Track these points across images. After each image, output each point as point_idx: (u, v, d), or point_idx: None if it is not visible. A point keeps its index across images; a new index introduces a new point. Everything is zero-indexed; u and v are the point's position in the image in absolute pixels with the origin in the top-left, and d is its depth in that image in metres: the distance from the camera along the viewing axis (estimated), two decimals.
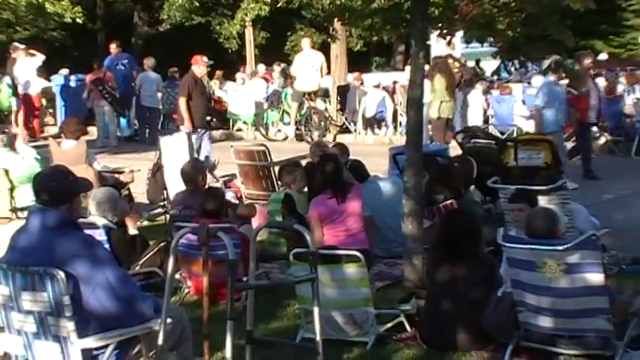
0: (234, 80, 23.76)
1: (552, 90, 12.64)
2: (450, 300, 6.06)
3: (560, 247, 5.49)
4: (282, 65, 24.28)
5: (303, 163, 10.05)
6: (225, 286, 4.31)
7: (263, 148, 10.97)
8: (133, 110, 20.06)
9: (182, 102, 13.00)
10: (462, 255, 6.11)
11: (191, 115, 12.90)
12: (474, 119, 17.88)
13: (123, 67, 19.41)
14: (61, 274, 4.34)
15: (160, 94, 19.70)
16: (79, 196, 4.92)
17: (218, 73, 24.04)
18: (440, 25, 8.34)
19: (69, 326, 4.40)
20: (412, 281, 7.52)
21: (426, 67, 14.16)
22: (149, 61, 19.69)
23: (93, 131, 18.82)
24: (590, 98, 13.42)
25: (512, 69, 24.60)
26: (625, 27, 38.77)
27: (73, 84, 21.04)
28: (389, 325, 6.47)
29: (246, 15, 24.86)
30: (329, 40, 18.29)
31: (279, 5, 12.36)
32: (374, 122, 20.44)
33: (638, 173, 13.84)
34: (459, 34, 9.86)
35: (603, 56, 32.26)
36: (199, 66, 13.51)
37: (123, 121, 20.28)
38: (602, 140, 16.68)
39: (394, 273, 8.16)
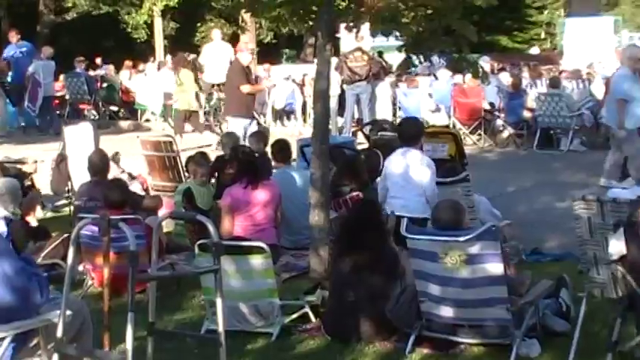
0: (142, 71, 23.49)
1: (632, 82, 11.50)
2: (353, 290, 6.10)
3: (461, 239, 5.59)
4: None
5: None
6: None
7: (169, 138, 10.87)
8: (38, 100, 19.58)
9: (247, 88, 12.78)
10: (365, 246, 6.16)
11: (246, 102, 12.89)
12: (383, 112, 18.03)
13: (21, 55, 19.02)
14: None
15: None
16: None
17: (127, 63, 23.75)
18: (346, 17, 8.38)
19: None
20: (318, 272, 7.56)
21: (334, 59, 14.33)
22: (47, 51, 19.35)
23: None
24: None
25: (417, 62, 24.86)
26: (529, 23, 39.75)
27: None
28: (294, 316, 6.50)
29: (155, 5, 24.64)
30: (239, 31, 18.24)
31: None
32: (283, 114, 20.47)
33: (539, 166, 14.15)
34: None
35: (535, 50, 32.92)
36: (244, 53, 13.29)
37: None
38: (506, 134, 17.02)
39: (300, 264, 8.19)
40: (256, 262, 6.30)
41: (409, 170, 7.88)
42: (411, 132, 8.24)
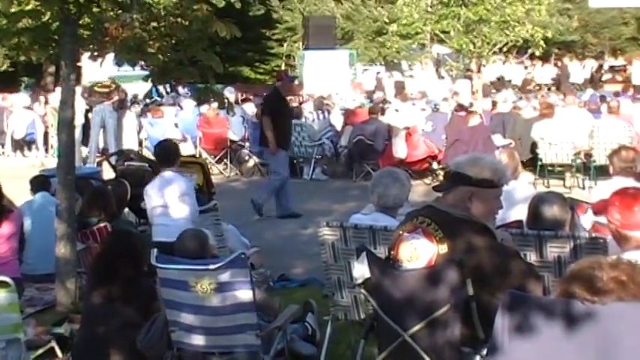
0: None
1: None
2: (104, 322, 6.01)
3: (211, 267, 5.65)
4: None
5: None
6: None
7: None
8: None
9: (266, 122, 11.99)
10: (119, 276, 6.09)
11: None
12: (129, 142, 17.88)
13: None
14: None
15: None
16: None
17: None
18: (90, 46, 8.28)
19: None
20: (65, 305, 7.40)
21: (78, 88, 14.04)
22: None
23: None
24: None
25: (164, 92, 24.90)
26: (269, 55, 40.78)
27: None
28: (40, 351, 6.34)
29: None
30: None
31: None
32: (24, 144, 19.82)
33: None
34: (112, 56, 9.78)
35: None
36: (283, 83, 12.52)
37: None
38: (251, 163, 17.35)
39: (46, 298, 7.97)
40: (0, 296, 6.07)
41: (170, 193, 7.89)
42: (167, 153, 8.30)
